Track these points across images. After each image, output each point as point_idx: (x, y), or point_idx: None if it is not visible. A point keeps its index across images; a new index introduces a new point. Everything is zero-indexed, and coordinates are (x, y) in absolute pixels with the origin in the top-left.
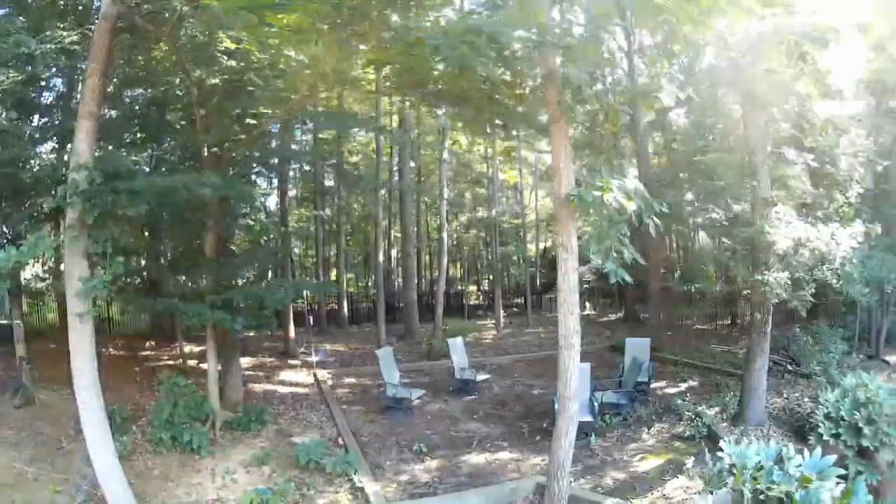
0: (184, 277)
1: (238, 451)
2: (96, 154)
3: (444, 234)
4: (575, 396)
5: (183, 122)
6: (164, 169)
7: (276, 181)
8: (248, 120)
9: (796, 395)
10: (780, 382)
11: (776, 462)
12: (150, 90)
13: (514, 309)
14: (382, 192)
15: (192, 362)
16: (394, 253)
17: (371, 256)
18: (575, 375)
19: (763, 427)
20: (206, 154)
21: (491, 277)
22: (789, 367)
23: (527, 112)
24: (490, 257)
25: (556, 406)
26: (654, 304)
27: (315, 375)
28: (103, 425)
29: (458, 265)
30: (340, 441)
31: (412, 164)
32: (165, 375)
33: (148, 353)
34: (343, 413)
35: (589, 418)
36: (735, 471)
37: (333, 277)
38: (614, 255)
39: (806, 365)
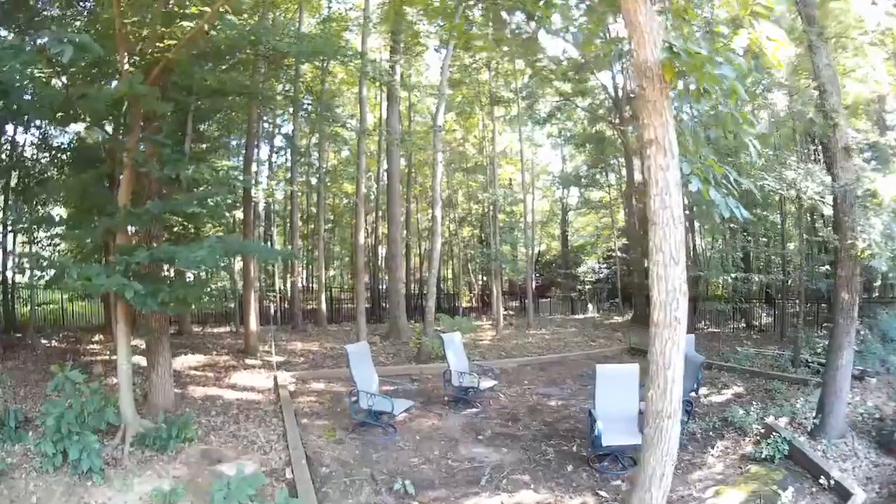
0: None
1: (144, 479)
2: None
3: (438, 212)
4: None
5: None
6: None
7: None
8: (182, 22)
9: (857, 398)
10: None
11: None
12: None
13: (510, 311)
14: (369, 174)
15: (133, 358)
16: (382, 251)
17: (352, 235)
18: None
19: (846, 439)
20: (124, 68)
21: (484, 279)
22: None
23: None
24: (484, 256)
25: (598, 424)
26: None
27: (275, 379)
28: None
29: (450, 265)
30: (289, 473)
31: (403, 161)
32: (57, 367)
33: (93, 346)
34: (301, 430)
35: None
36: None
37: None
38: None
39: (872, 363)
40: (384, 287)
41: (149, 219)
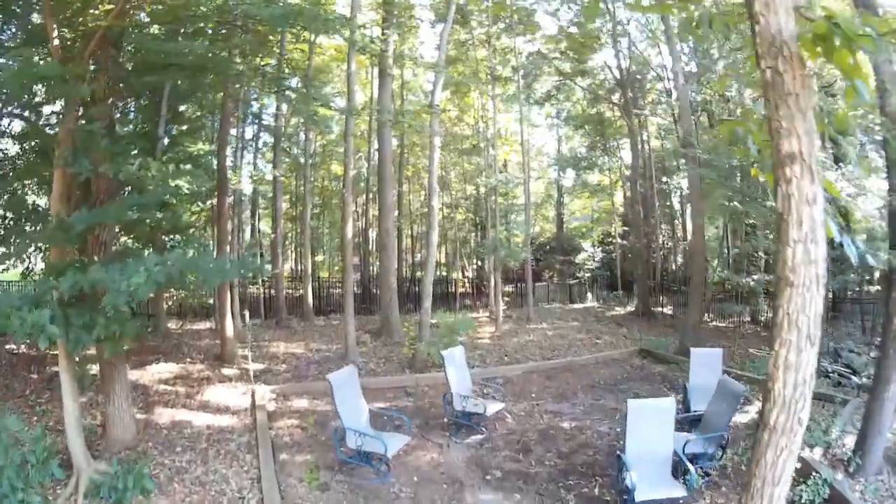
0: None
1: None
2: None
3: (435, 201)
4: None
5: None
6: None
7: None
8: None
9: None
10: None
11: None
12: None
13: (506, 298)
14: (359, 155)
15: (92, 368)
16: (372, 235)
17: (341, 221)
18: (784, 492)
19: (883, 476)
20: (54, 43)
21: (478, 264)
22: (859, 381)
23: None
24: (482, 246)
25: (631, 475)
26: (694, 300)
27: (252, 395)
28: None
29: (444, 249)
30: None
31: (395, 142)
32: None
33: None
34: (279, 469)
35: (679, 492)
36: None
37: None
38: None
39: None
40: (375, 272)
41: (76, 235)
